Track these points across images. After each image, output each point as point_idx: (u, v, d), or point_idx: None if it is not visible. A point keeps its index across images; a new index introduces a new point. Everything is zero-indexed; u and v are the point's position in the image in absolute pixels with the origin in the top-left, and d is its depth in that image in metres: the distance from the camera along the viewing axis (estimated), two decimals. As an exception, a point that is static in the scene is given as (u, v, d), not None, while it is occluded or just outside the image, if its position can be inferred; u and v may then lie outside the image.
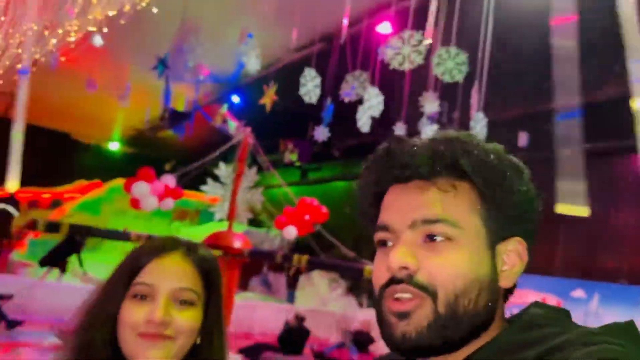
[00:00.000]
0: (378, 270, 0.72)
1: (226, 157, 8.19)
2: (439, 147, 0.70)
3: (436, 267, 0.68)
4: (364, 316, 13.89)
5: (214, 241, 6.32)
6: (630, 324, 0.66)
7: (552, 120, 10.74)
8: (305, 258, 6.59)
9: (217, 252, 6.21)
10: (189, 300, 0.93)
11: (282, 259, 7.78)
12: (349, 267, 7.98)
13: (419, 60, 5.12)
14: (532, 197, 0.72)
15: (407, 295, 0.68)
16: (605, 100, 9.46)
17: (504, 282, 0.73)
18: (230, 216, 6.60)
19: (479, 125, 6.09)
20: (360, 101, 6.14)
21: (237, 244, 6.46)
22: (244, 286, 15.28)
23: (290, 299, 14.99)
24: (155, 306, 0.89)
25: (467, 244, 0.68)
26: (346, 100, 5.94)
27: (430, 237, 0.68)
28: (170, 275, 0.92)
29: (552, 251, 10.83)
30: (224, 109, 7.50)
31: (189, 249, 0.97)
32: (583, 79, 9.46)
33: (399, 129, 6.58)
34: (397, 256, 0.68)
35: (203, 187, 6.99)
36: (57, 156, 17.78)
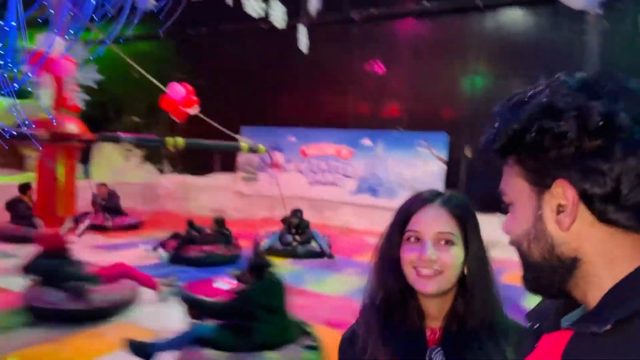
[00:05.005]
0: None
1: None
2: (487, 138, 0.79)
3: None
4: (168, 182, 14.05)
5: (44, 128, 5.68)
6: None
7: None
8: (181, 140, 6.41)
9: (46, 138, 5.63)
10: (449, 240, 1.17)
11: (153, 143, 7.40)
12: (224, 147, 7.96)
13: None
14: (569, 135, 0.68)
15: None
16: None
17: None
18: (60, 99, 5.88)
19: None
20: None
21: (72, 129, 5.93)
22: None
23: (85, 173, 14.08)
24: (424, 247, 1.17)
25: (517, 207, 0.79)
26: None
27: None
28: (431, 222, 1.19)
29: (344, 106, 12.28)
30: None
31: (445, 198, 1.23)
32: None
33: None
34: None
35: None
36: None
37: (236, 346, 3.67)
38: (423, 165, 11.00)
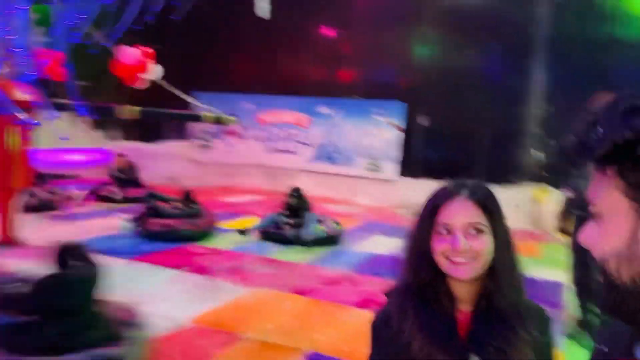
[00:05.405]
0: None
1: None
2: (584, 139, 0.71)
3: None
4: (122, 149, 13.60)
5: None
6: None
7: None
8: (136, 109, 6.17)
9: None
10: (479, 229, 1.24)
11: (106, 112, 7.04)
12: (185, 116, 7.62)
13: None
14: None
15: None
16: None
17: None
18: (9, 64, 5.56)
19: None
20: None
21: (24, 96, 5.64)
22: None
23: (29, 141, 13.41)
24: (455, 238, 1.23)
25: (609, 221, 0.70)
26: None
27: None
28: (460, 214, 1.25)
29: (301, 73, 12.15)
30: None
31: (471, 190, 1.28)
32: None
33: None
34: None
35: None
36: None
37: (14, 346, 3.10)
38: (379, 133, 11.13)
